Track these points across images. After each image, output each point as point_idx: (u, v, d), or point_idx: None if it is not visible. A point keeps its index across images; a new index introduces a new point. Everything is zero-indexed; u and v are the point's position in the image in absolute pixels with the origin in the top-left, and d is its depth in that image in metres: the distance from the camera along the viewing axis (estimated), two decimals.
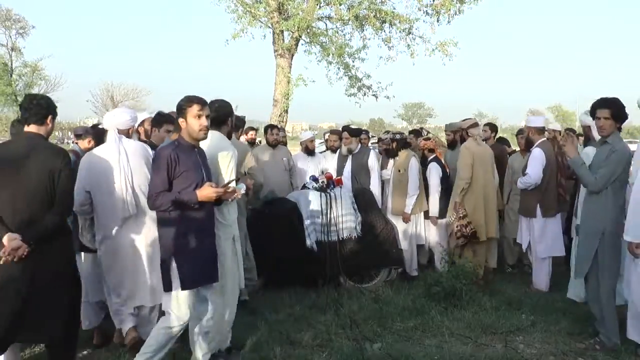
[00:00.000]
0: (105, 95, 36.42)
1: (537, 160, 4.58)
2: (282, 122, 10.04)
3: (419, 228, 5.17)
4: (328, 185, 4.82)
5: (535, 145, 4.70)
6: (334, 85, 10.88)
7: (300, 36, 10.04)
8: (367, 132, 6.61)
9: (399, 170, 5.12)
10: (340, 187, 4.85)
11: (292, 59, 10.33)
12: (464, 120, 5.26)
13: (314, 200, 4.68)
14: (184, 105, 2.74)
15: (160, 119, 3.70)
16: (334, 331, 3.68)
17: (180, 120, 2.74)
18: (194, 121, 2.72)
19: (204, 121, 2.74)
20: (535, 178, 4.57)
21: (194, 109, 2.72)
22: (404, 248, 4.98)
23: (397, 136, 5.24)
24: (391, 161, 5.34)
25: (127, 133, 3.38)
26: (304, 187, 5.02)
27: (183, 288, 2.68)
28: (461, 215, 4.77)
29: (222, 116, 3.09)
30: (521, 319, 3.92)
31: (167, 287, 2.72)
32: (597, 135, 3.66)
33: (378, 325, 3.80)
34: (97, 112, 34.85)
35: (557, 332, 3.70)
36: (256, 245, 4.45)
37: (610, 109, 3.31)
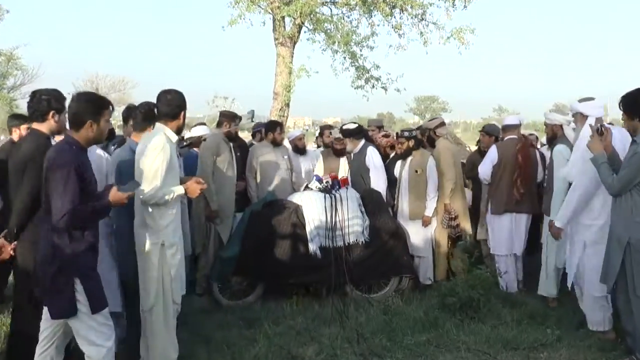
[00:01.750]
0: (90, 87, 36.37)
1: (487, 157, 4.98)
2: (283, 116, 10.08)
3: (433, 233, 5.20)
4: (333, 185, 4.83)
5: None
6: (339, 76, 10.96)
7: (303, 23, 10.06)
8: (379, 126, 6.47)
9: (416, 171, 5.08)
10: (347, 188, 4.85)
11: (294, 47, 10.37)
12: (430, 120, 5.71)
13: (317, 202, 4.68)
14: (102, 106, 2.68)
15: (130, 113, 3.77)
16: (339, 346, 3.67)
17: (90, 122, 2.61)
18: (106, 125, 2.72)
19: (109, 125, 2.87)
20: (482, 174, 4.99)
21: (108, 113, 2.70)
22: (421, 255, 5.01)
23: (414, 133, 5.20)
24: (398, 162, 5.32)
25: None
26: (307, 187, 5.03)
27: (94, 311, 2.57)
28: (453, 216, 5.05)
29: (175, 109, 3.08)
30: (545, 333, 3.87)
31: (68, 312, 2.54)
32: (571, 134, 4.14)
33: (387, 339, 3.79)
34: None
35: (586, 348, 3.66)
36: (255, 250, 4.49)
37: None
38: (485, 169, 4.97)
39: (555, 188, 4.24)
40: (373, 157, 5.18)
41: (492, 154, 4.95)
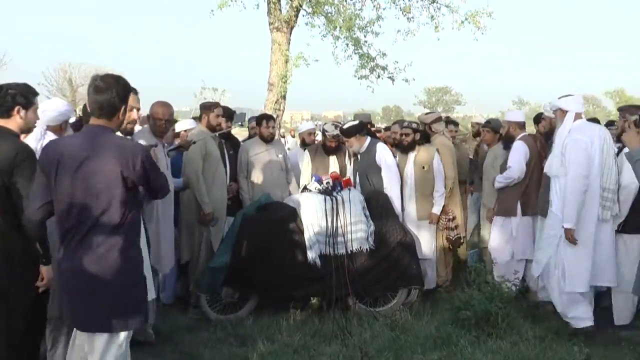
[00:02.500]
0: (62, 77, 36.10)
1: (519, 152, 4.93)
2: (279, 110, 10.01)
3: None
4: (334, 186, 4.80)
5: (517, 139, 5.06)
6: (341, 65, 10.80)
7: (301, 5, 9.96)
8: (368, 122, 6.40)
9: (423, 167, 5.14)
10: (349, 189, 4.83)
11: (291, 33, 10.26)
12: (426, 114, 5.71)
13: (317, 205, 4.65)
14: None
15: None
16: None
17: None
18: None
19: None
20: (516, 172, 4.91)
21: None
22: (426, 257, 5.08)
23: (418, 126, 5.22)
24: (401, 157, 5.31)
25: (58, 129, 3.55)
26: (305, 189, 5.00)
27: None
28: (450, 217, 5.23)
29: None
30: (572, 351, 3.82)
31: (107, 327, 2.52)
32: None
33: (395, 358, 3.75)
34: (51, 97, 34.76)
35: None
36: (247, 259, 4.46)
37: None
38: (520, 166, 4.93)
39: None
40: (384, 155, 5.16)
41: (523, 149, 4.95)
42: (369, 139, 5.29)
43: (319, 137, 6.52)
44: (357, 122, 5.46)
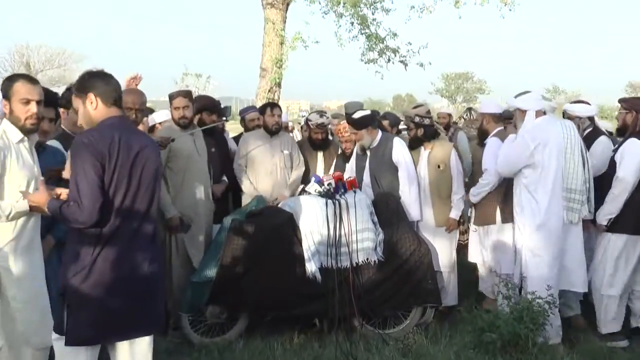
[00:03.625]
0: (18, 61, 36.02)
1: (494, 151, 4.93)
2: (273, 99, 10.02)
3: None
4: (337, 189, 4.77)
5: (490, 135, 5.12)
6: (345, 48, 10.71)
7: None
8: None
9: (438, 167, 5.16)
10: (354, 192, 4.80)
11: (287, 10, 10.26)
12: (414, 107, 5.68)
13: (317, 210, 4.63)
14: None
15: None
16: None
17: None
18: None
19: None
20: (494, 174, 4.92)
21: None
22: (446, 270, 5.11)
23: (426, 120, 5.19)
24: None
25: None
26: (304, 191, 5.00)
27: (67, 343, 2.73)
28: (461, 221, 5.42)
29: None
30: None
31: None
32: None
33: None
34: None
35: None
36: (236, 273, 4.43)
37: None
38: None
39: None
40: (403, 152, 5.13)
41: (499, 147, 5.01)
42: (380, 132, 5.27)
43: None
44: (368, 111, 5.43)
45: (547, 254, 4.36)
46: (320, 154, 5.58)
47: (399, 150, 5.12)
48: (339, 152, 5.70)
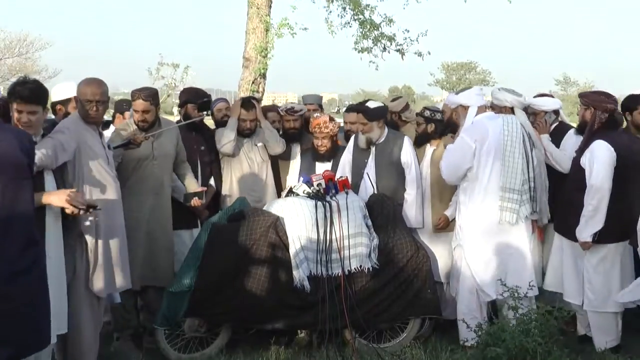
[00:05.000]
0: None
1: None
2: (257, 91, 9.86)
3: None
4: (327, 189, 4.68)
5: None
6: (337, 35, 10.51)
7: None
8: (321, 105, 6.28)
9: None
10: (347, 193, 4.69)
11: None
12: (392, 100, 5.76)
13: (306, 213, 4.56)
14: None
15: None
16: None
17: None
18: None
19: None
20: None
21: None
22: (444, 279, 5.00)
23: (438, 115, 5.06)
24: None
25: None
26: (290, 192, 4.88)
27: None
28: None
29: None
30: None
31: None
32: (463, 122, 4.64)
33: None
34: None
35: None
36: (217, 282, 4.38)
37: None
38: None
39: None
40: (413, 154, 5.06)
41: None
42: (386, 128, 5.18)
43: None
44: (381, 103, 5.32)
45: (484, 255, 4.41)
46: (294, 146, 5.44)
47: (409, 151, 5.05)
48: (306, 148, 5.51)
